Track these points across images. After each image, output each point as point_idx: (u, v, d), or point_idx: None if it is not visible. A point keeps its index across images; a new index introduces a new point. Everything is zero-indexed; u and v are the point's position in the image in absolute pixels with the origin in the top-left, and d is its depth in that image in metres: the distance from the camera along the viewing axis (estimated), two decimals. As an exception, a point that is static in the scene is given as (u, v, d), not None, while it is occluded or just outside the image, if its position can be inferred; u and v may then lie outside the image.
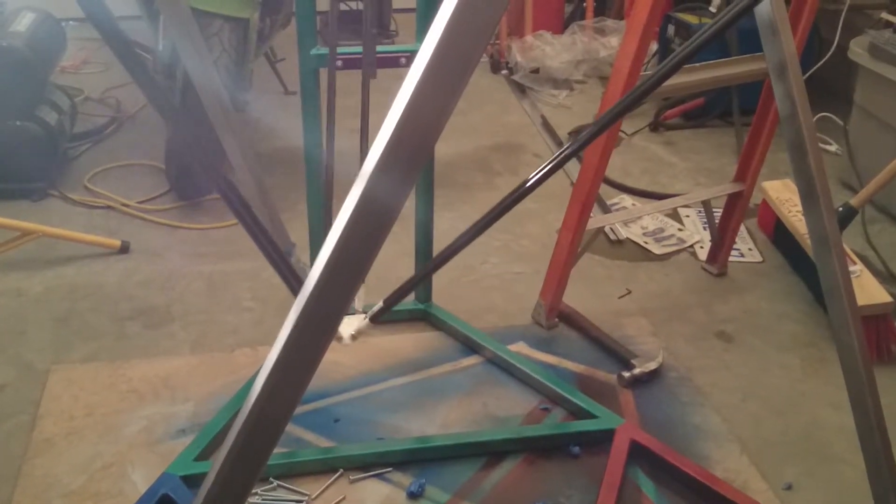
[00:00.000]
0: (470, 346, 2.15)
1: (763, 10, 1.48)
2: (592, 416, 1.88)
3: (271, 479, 1.71)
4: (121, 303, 2.29)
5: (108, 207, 2.75)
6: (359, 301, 1.85)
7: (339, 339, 1.73)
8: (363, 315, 1.73)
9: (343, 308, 0.81)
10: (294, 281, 1.44)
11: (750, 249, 2.65)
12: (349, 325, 1.73)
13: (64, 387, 1.97)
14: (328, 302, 0.80)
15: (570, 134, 3.38)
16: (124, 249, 2.51)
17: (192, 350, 2.12)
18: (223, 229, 2.66)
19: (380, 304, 1.66)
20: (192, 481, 1.65)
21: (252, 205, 1.64)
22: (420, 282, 1.66)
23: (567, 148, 1.36)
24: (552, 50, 3.99)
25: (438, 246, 2.13)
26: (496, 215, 1.41)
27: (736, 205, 2.41)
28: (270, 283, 2.37)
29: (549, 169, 1.36)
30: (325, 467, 1.76)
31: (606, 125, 1.41)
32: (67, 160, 3.01)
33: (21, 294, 2.31)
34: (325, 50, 1.91)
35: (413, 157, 0.75)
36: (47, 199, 2.79)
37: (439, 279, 2.22)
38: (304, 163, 1.97)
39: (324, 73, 1.93)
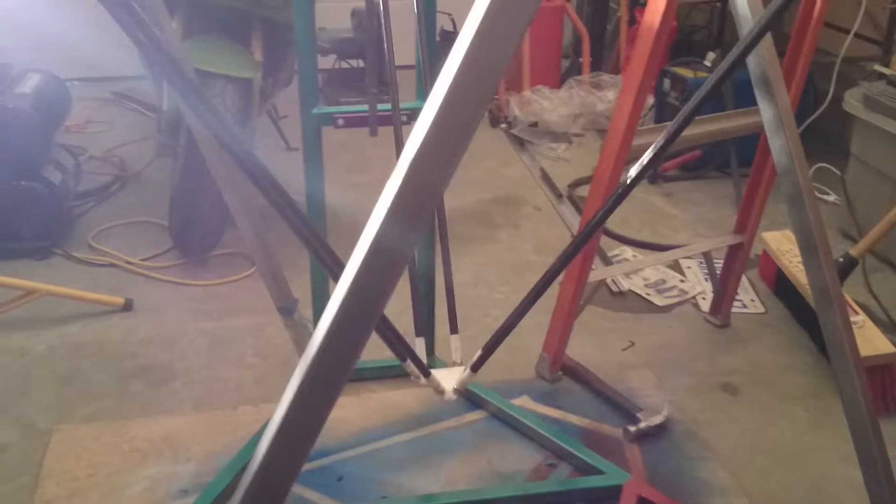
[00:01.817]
0: (473, 401, 2.14)
1: (756, 66, 1.50)
2: (599, 472, 1.87)
3: (275, 539, 1.69)
4: (124, 361, 2.29)
5: (112, 265, 2.77)
6: (455, 352, 1.77)
7: (442, 392, 1.62)
8: (461, 367, 1.65)
9: (351, 362, 0.80)
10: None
11: (752, 300, 2.65)
12: (450, 379, 1.64)
13: (66, 447, 1.96)
14: (336, 356, 0.80)
15: (569, 186, 3.40)
16: (128, 307, 2.51)
17: (194, 408, 2.11)
18: (226, 285, 2.66)
19: (479, 352, 1.62)
20: (195, 543, 1.64)
21: (254, 260, 1.65)
22: (512, 327, 1.63)
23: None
24: (550, 104, 4.04)
25: (440, 300, 2.13)
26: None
27: (736, 256, 2.42)
28: (273, 339, 2.37)
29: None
30: (329, 527, 1.74)
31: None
32: (72, 219, 3.03)
33: (24, 353, 2.31)
34: (327, 108, 1.95)
35: (419, 210, 0.75)
36: (51, 257, 2.81)
37: (440, 332, 2.21)
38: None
39: (326, 129, 1.96)
